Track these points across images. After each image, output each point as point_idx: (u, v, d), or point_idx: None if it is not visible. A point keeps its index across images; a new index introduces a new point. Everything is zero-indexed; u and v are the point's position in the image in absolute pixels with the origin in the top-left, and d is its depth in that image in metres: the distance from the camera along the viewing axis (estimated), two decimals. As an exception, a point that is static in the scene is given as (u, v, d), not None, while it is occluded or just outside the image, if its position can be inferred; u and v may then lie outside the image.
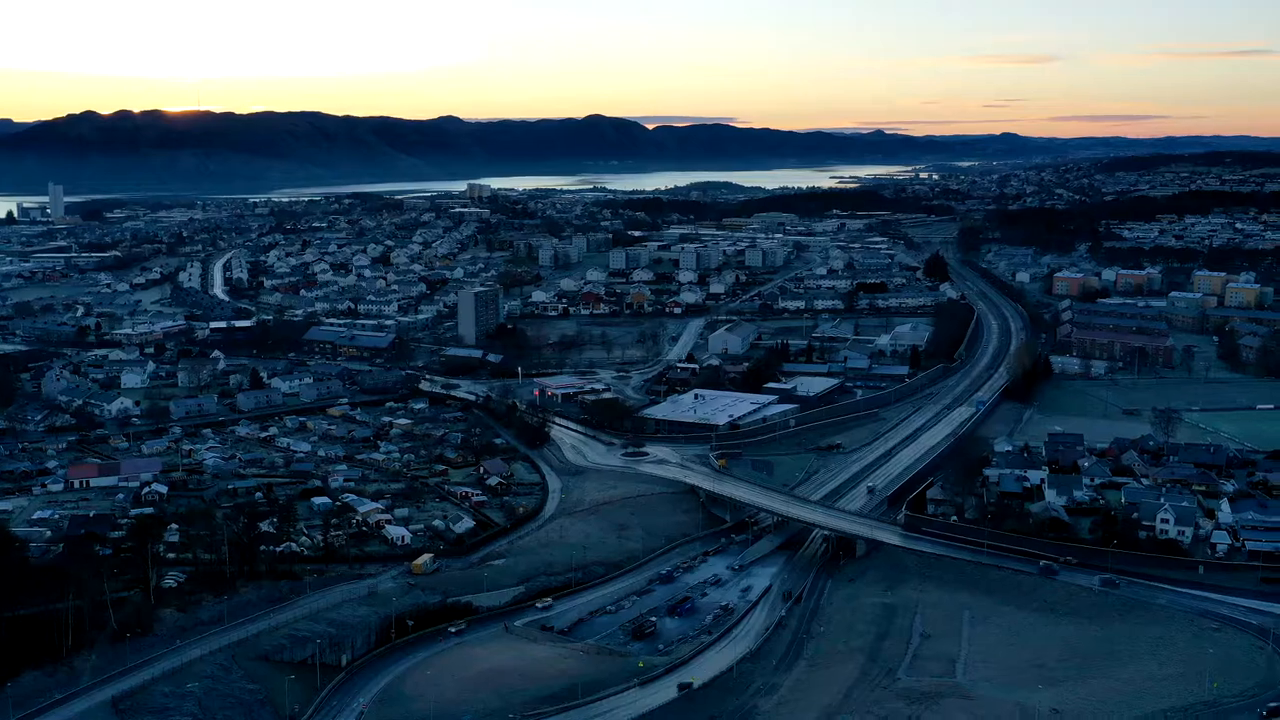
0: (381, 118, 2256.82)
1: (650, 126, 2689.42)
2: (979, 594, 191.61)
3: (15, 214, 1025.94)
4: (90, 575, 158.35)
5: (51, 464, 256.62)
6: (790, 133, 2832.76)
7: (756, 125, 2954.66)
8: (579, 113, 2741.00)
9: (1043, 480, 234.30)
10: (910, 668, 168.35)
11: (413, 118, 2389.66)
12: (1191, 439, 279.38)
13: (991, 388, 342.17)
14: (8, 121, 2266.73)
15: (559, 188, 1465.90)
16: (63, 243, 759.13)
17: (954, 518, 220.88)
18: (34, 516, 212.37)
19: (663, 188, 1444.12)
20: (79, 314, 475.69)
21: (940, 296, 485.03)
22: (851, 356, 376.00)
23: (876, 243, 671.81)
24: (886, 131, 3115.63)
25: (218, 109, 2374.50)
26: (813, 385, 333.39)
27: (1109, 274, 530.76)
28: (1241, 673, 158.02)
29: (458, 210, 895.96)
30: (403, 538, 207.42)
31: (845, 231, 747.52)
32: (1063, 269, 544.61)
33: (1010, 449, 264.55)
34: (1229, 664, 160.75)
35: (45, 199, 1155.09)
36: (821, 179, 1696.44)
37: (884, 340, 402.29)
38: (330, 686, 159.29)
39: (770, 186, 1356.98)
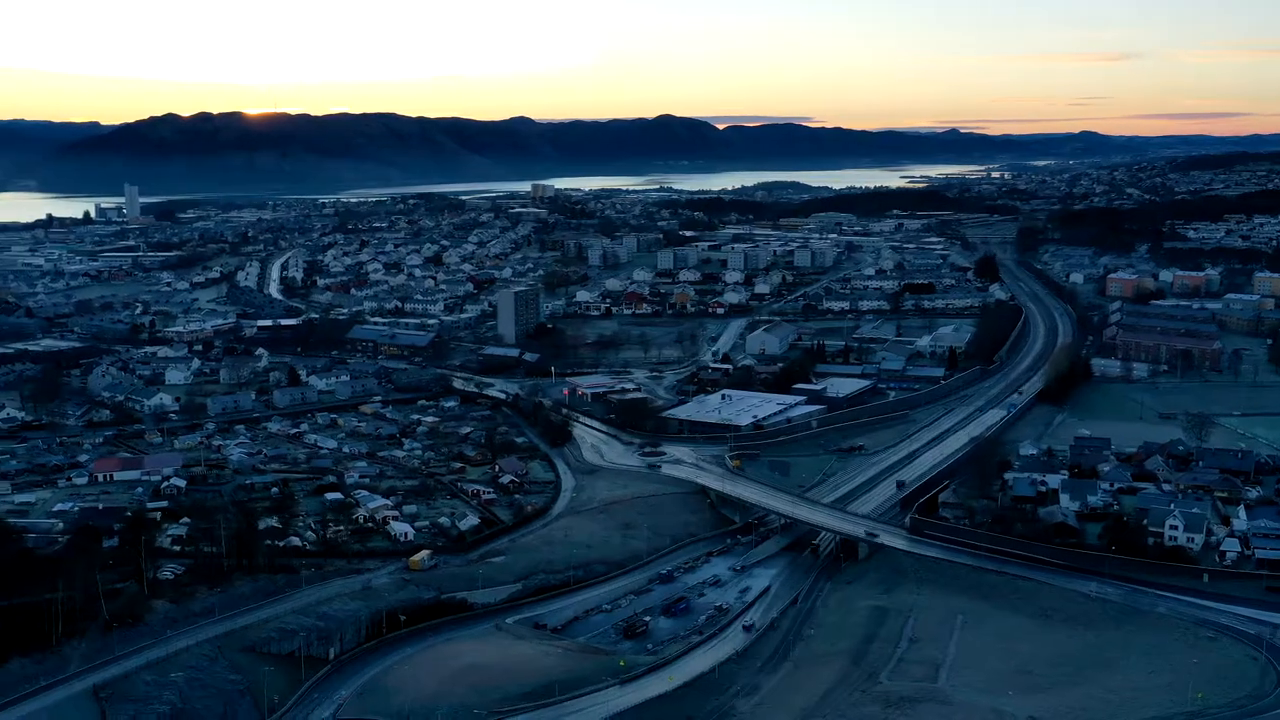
0: (453, 118, 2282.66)
1: (721, 126, 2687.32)
2: (976, 599, 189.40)
3: (92, 214, 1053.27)
4: (82, 566, 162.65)
5: (83, 458, 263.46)
6: (863, 132, 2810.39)
7: (829, 125, 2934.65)
8: (651, 113, 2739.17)
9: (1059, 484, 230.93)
10: (893, 672, 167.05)
11: (485, 119, 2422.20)
12: (1226, 444, 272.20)
13: (1028, 390, 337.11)
14: (95, 124, 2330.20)
15: (625, 188, 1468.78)
16: (131, 242, 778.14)
17: (965, 522, 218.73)
18: (54, 509, 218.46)
19: (729, 187, 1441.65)
20: (136, 312, 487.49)
21: (989, 298, 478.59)
22: (888, 358, 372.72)
23: (932, 243, 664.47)
24: (962, 130, 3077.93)
25: (294, 110, 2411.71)
26: (843, 386, 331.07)
27: (1166, 275, 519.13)
28: (1231, 683, 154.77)
29: (516, 210, 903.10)
30: (406, 534, 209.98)
31: (902, 231, 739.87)
32: (1119, 270, 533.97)
33: (1034, 452, 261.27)
34: (1220, 674, 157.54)
35: (118, 199, 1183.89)
36: (892, 179, 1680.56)
37: (924, 342, 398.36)
38: (314, 679, 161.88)
39: (837, 186, 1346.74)
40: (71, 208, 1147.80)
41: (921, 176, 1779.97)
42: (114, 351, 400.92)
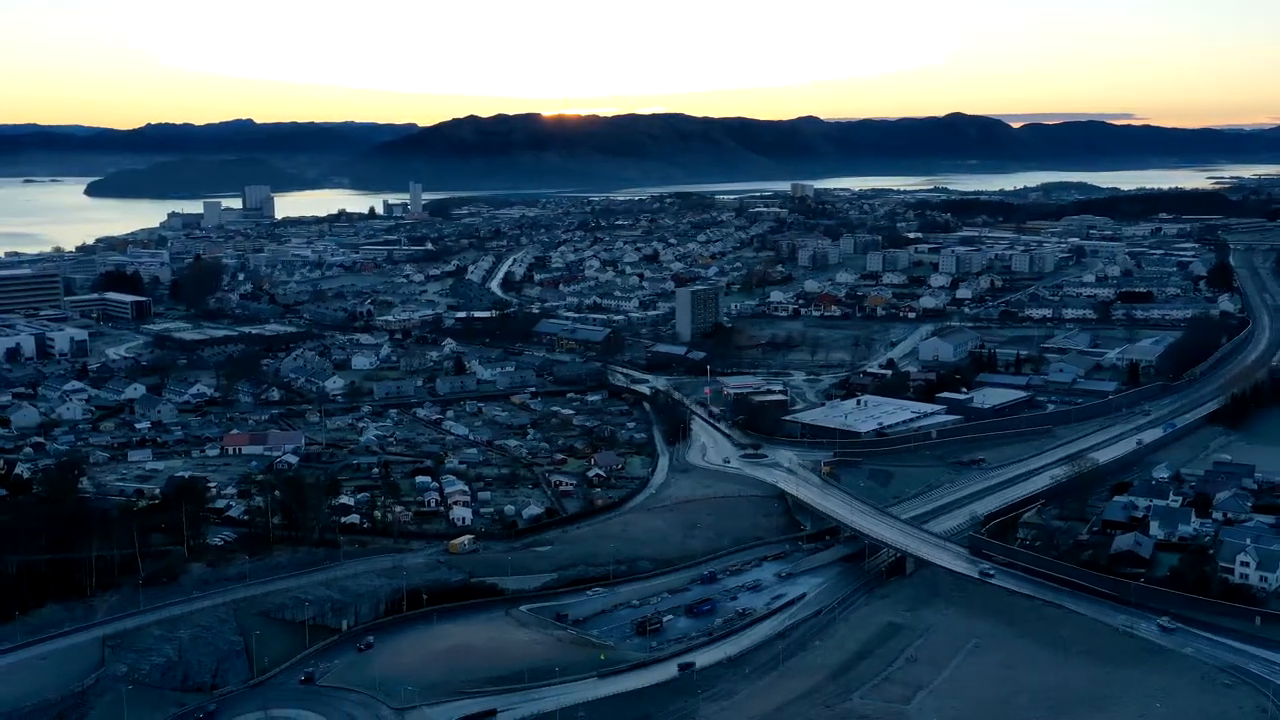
0: (737, 119, 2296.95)
1: (1017, 125, 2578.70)
2: (1000, 623, 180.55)
3: (378, 210, 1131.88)
4: (119, 529, 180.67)
5: (235, 432, 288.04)
6: (1175, 130, 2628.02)
7: (1140, 122, 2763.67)
8: (942, 110, 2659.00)
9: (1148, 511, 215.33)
10: (871, 690, 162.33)
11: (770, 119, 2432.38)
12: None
13: (1206, 410, 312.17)
14: (412, 125, 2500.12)
15: (897, 188, 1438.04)
16: (394, 237, 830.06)
17: (1039, 543, 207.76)
18: (176, 475, 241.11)
19: (1010, 188, 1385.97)
20: (366, 301, 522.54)
21: (1212, 309, 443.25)
22: (1065, 369, 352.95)
23: (1182, 249, 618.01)
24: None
25: (584, 113, 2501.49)
26: (993, 397, 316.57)
27: None
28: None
29: (756, 210, 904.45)
30: (464, 519, 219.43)
31: (1157, 236, 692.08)
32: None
33: (1162, 476, 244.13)
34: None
35: (425, 196, 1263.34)
36: (1196, 179, 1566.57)
37: (1112, 354, 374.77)
38: (316, 647, 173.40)
39: (1127, 187, 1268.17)
40: (368, 203, 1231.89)
41: (1231, 178, 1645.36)
42: (320, 337, 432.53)
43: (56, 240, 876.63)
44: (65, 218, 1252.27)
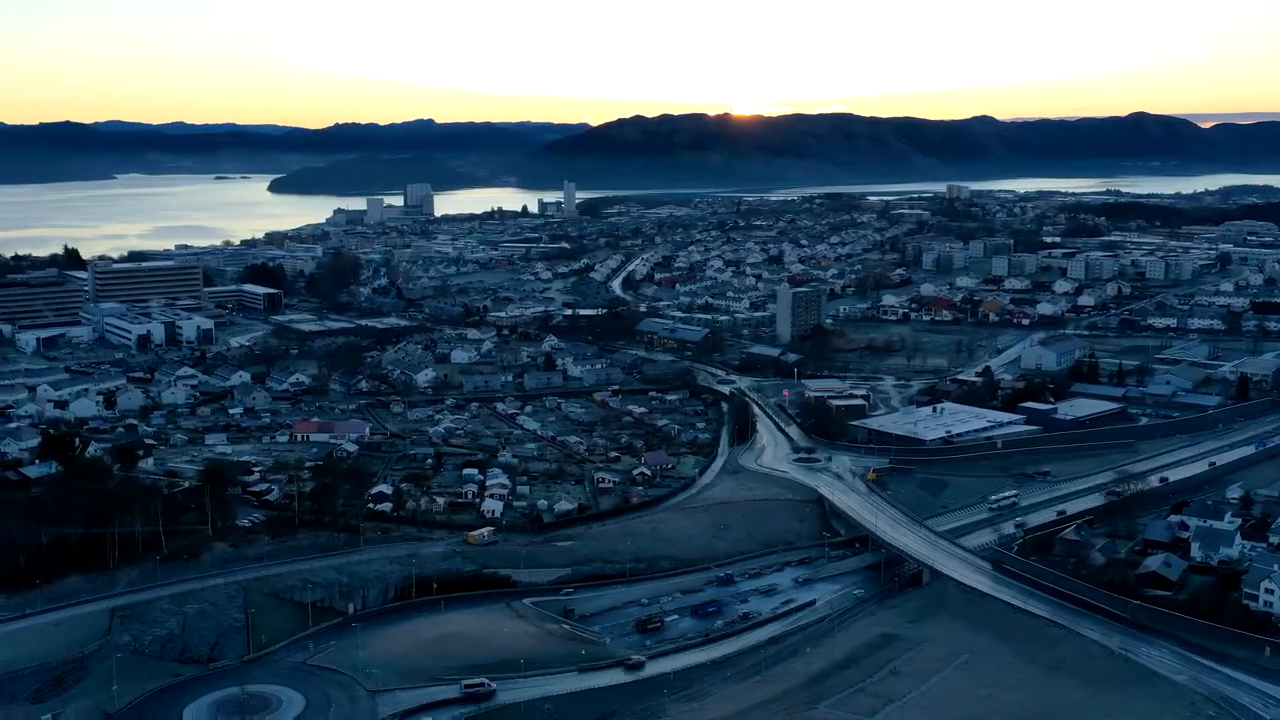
0: (905, 118, 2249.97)
1: (1207, 125, 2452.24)
2: (999, 639, 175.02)
3: (531, 208, 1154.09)
4: (140, 507, 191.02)
5: (315, 420, 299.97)
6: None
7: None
8: (1125, 111, 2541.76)
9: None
10: (840, 701, 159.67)
11: (939, 118, 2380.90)
12: None
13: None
14: (584, 124, 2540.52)
15: (1066, 190, 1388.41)
16: (534, 234, 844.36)
17: (1071, 561, 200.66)
18: (240, 459, 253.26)
19: (1188, 191, 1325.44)
20: (486, 297, 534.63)
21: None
22: (1172, 380, 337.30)
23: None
24: None
25: (747, 113, 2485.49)
26: (1081, 408, 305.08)
27: None
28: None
29: (898, 212, 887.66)
30: (494, 511, 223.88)
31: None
32: None
33: (1234, 496, 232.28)
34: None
35: (579, 194, 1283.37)
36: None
37: (1226, 367, 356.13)
38: (318, 629, 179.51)
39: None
40: (529, 201, 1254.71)
41: None
42: (431, 330, 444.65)
43: (230, 234, 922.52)
44: (246, 212, 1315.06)
